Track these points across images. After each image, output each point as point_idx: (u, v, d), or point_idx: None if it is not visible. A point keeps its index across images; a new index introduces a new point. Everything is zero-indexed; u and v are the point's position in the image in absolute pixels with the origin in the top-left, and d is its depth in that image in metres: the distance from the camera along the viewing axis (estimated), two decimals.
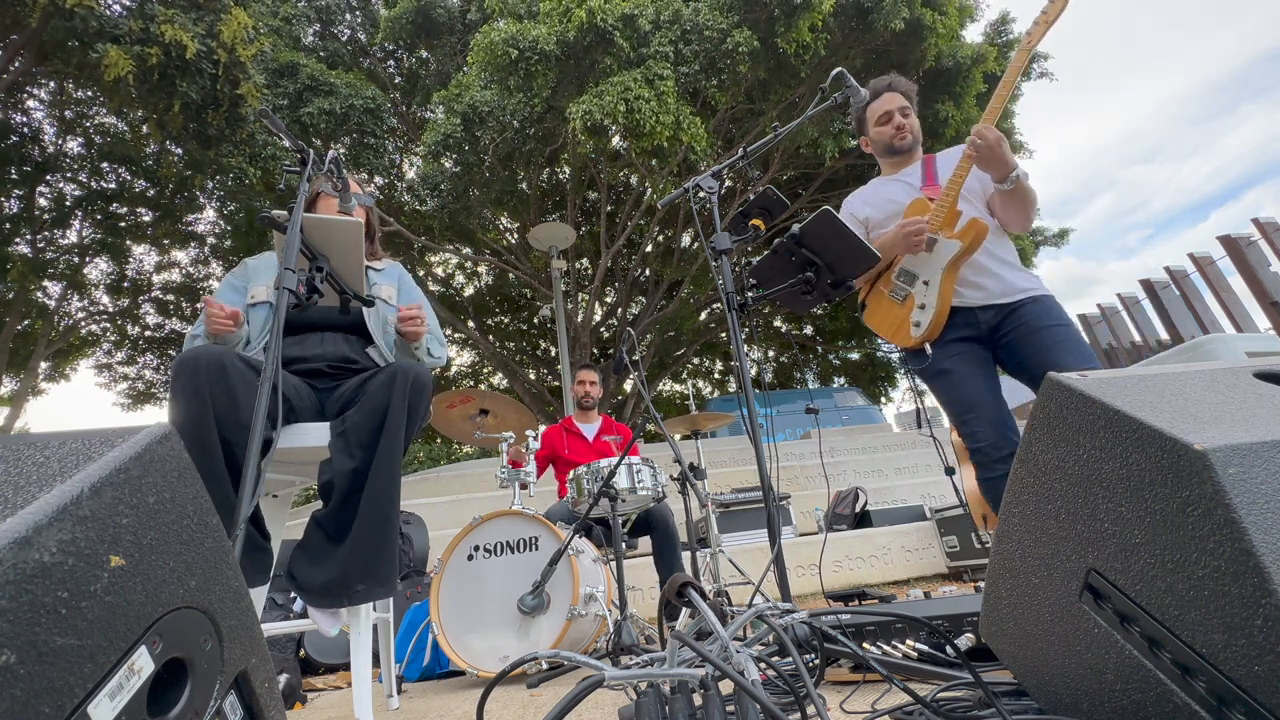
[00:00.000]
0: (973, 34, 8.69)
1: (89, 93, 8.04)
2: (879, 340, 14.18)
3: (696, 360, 15.31)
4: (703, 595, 0.90)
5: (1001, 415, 1.62)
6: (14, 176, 8.50)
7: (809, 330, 14.62)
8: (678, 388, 16.27)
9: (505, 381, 13.79)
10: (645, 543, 2.83)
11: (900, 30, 6.63)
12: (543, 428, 3.11)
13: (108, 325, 11.31)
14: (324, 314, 1.60)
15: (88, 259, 10.27)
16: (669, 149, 6.34)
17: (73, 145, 9.04)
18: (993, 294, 1.67)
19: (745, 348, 1.54)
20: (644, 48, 6.45)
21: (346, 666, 2.56)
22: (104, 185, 9.42)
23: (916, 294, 1.70)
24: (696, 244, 10.36)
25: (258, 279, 1.65)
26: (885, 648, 1.09)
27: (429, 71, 9.09)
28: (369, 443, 1.33)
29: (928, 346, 1.70)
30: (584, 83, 6.55)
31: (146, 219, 10.02)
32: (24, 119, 8.38)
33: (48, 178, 9.00)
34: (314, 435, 1.39)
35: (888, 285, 1.78)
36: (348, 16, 9.55)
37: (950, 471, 2.36)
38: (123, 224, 9.95)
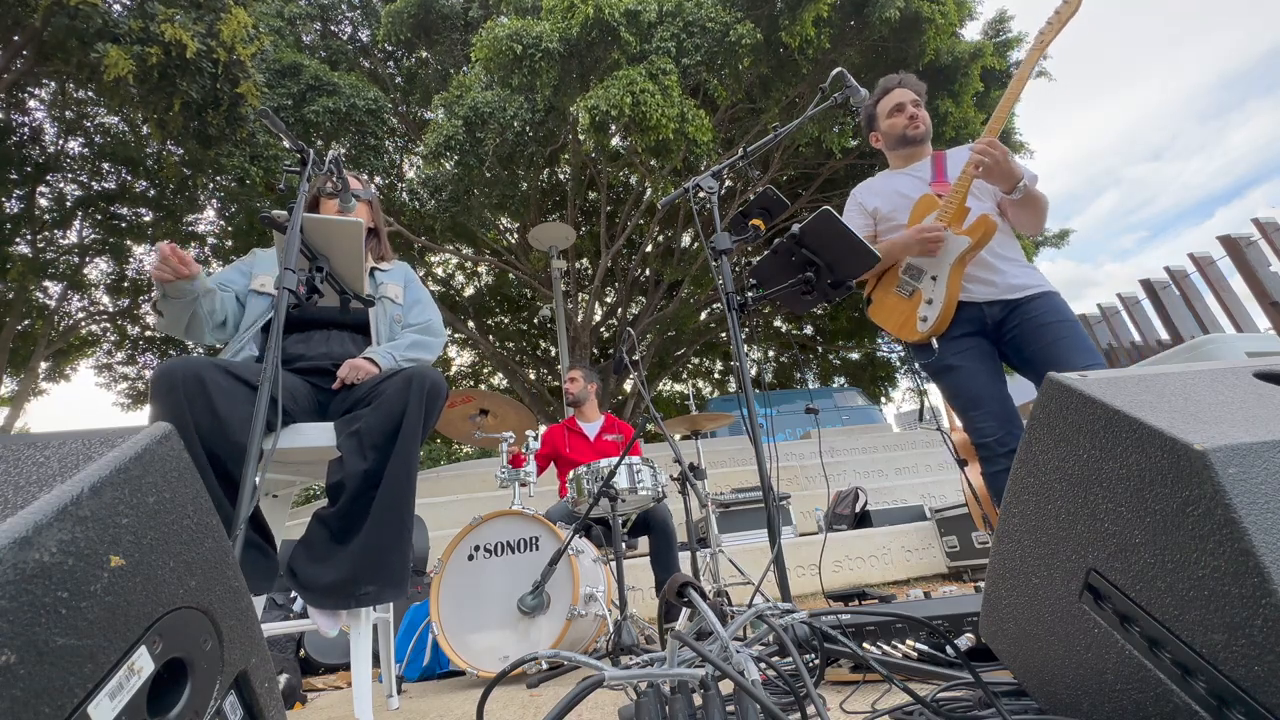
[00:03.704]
0: (970, 33, 8.71)
1: (89, 93, 8.03)
2: (879, 340, 14.22)
3: (696, 360, 15.31)
4: (703, 595, 0.89)
5: (1007, 409, 1.64)
6: (14, 176, 8.50)
7: (809, 330, 14.62)
8: (678, 388, 16.27)
9: (505, 381, 13.79)
10: (645, 542, 2.83)
11: (896, 22, 6.60)
12: (543, 427, 3.11)
13: (108, 325, 11.32)
14: (328, 311, 1.60)
15: (88, 259, 10.27)
16: (673, 142, 6.32)
17: (73, 145, 9.04)
18: (999, 289, 1.68)
19: (745, 348, 1.54)
20: (647, 43, 6.44)
21: (346, 666, 2.56)
22: (104, 185, 9.41)
23: (924, 288, 1.70)
24: (696, 244, 10.36)
25: (263, 269, 1.66)
26: (885, 648, 1.09)
27: (429, 72, 9.09)
28: (382, 445, 1.34)
29: (934, 341, 1.71)
30: (587, 80, 6.54)
31: (147, 219, 10.01)
32: (24, 119, 8.38)
33: (48, 178, 9.00)
34: (314, 435, 1.39)
35: (894, 280, 1.78)
36: (349, 14, 9.55)
37: (963, 464, 2.36)
38: (123, 224, 9.95)
